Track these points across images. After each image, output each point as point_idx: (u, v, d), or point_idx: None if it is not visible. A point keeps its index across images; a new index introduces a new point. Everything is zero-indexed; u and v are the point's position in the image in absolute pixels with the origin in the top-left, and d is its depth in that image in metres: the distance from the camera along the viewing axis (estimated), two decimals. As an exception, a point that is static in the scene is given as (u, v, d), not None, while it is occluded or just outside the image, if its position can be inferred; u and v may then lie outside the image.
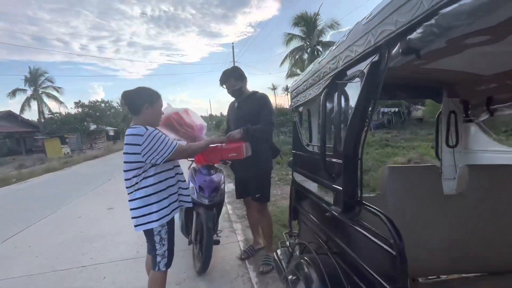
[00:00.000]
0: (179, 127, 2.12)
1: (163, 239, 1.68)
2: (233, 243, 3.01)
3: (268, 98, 2.40)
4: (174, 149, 1.63)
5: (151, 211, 1.62)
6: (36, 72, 27.73)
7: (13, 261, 2.98)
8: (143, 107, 1.66)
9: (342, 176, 0.97)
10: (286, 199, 4.44)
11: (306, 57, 19.09)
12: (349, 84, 1.03)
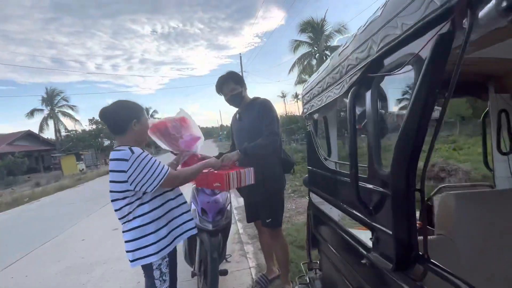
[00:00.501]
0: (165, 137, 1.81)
1: (164, 273, 1.44)
2: (244, 270, 2.66)
3: (270, 103, 2.05)
4: (165, 176, 1.36)
5: (149, 243, 1.38)
6: (53, 92, 28.86)
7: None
8: (131, 124, 1.42)
9: (391, 214, 0.64)
10: (301, 215, 4.06)
11: (314, 63, 18.84)
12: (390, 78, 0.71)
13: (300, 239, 3.03)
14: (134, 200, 1.37)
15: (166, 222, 1.45)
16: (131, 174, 1.31)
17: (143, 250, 1.38)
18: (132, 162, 1.31)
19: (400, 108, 1.08)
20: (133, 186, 1.33)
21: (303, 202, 4.70)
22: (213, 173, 1.73)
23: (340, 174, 1.07)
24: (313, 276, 1.72)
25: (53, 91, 28.96)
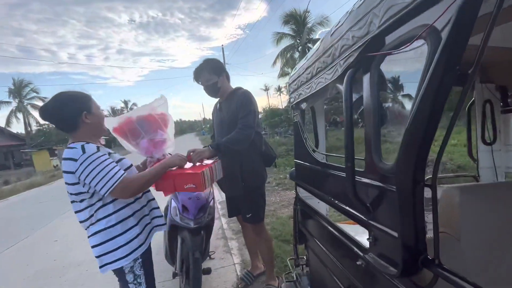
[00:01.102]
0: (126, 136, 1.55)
1: (138, 276, 1.31)
2: (229, 266, 2.58)
3: (250, 95, 1.91)
4: (117, 182, 1.16)
5: (117, 246, 1.25)
6: (21, 83, 26.87)
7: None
8: (81, 117, 1.23)
9: (396, 213, 0.56)
10: (286, 208, 4.03)
11: (297, 56, 18.82)
12: (393, 57, 0.62)
13: (286, 233, 2.99)
14: (95, 201, 1.22)
15: (136, 221, 1.32)
16: (80, 175, 1.16)
17: (111, 254, 1.25)
18: (81, 163, 1.15)
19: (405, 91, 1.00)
20: (86, 188, 1.19)
21: (288, 195, 4.67)
22: (182, 173, 1.42)
23: (331, 168, 0.99)
24: (300, 273, 1.67)
25: (21, 82, 26.96)
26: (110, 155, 1.27)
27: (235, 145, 1.75)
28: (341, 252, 0.95)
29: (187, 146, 2.49)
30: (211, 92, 1.94)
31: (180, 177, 1.40)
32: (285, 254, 2.55)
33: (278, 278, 2.15)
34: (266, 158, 2.05)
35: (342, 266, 0.94)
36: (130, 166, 1.36)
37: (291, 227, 3.09)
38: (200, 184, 1.37)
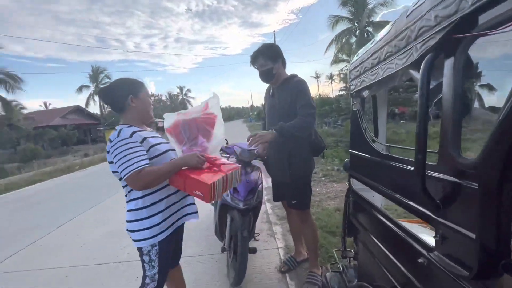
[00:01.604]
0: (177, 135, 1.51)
1: (153, 260, 1.39)
2: (272, 250, 2.67)
3: (306, 84, 1.91)
4: (130, 173, 1.18)
5: (141, 228, 1.33)
6: (97, 70, 30.88)
7: (62, 250, 3.11)
8: (127, 100, 1.35)
9: (476, 212, 0.52)
10: (332, 200, 3.93)
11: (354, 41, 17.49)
12: (485, 40, 0.55)
13: (331, 225, 2.93)
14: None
15: (162, 208, 1.37)
16: (111, 156, 1.25)
17: (135, 234, 1.34)
18: (113, 145, 1.24)
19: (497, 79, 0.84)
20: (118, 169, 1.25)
21: (335, 188, 4.54)
22: (194, 178, 1.28)
23: (394, 160, 0.94)
24: (347, 265, 1.64)
25: (97, 69, 30.99)
26: (145, 140, 1.30)
27: (298, 131, 1.77)
28: (399, 248, 0.91)
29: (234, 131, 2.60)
30: (265, 77, 1.95)
31: (191, 180, 1.30)
32: (330, 245, 2.53)
33: (321, 267, 2.15)
34: (315, 147, 2.02)
35: (399, 262, 0.90)
36: (164, 152, 1.36)
37: (337, 220, 3.03)
38: (208, 194, 1.25)
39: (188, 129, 1.46)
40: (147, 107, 1.41)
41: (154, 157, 1.31)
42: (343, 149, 7.74)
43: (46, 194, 6.36)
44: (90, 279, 2.39)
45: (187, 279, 2.26)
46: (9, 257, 3.04)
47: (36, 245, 3.31)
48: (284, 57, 1.93)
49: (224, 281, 2.20)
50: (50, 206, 5.16)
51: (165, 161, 1.35)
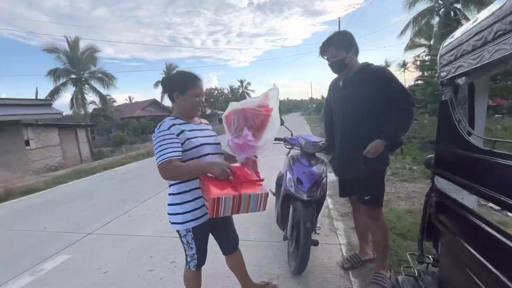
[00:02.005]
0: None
1: (190, 243, 1.48)
2: (334, 245, 2.61)
3: (388, 69, 1.77)
4: (160, 163, 1.29)
5: (176, 212, 1.44)
6: (170, 67, 34.45)
7: (144, 221, 3.67)
8: (173, 96, 1.45)
9: None
10: (403, 200, 3.58)
11: (436, 22, 15.12)
12: None
13: (401, 227, 2.69)
14: None
15: (192, 198, 1.43)
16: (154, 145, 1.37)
17: (172, 217, 1.45)
18: (154, 135, 1.37)
19: None
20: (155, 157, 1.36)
21: (406, 188, 4.12)
22: (206, 184, 1.27)
23: (503, 156, 0.80)
24: (424, 270, 1.49)
25: (170, 66, 34.58)
26: (182, 133, 1.37)
27: (405, 130, 1.73)
28: (504, 261, 0.79)
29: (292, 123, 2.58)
30: (337, 68, 1.85)
31: (205, 186, 1.28)
32: (399, 248, 2.33)
33: (390, 270, 2.01)
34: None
35: (504, 277, 0.78)
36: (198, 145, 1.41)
37: (409, 222, 2.76)
38: (211, 207, 1.21)
39: (237, 119, 1.46)
40: (190, 106, 1.45)
41: (189, 149, 1.38)
42: (416, 146, 6.90)
43: (132, 174, 7.52)
44: (169, 250, 2.76)
45: (249, 260, 2.41)
46: (109, 222, 3.74)
47: (127, 215, 3.97)
48: (357, 45, 1.80)
49: (285, 268, 2.26)
50: (135, 184, 6.09)
51: (197, 154, 1.40)
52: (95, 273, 2.45)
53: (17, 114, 10.44)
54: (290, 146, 2.62)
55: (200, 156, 1.42)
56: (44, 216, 4.35)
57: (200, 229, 1.47)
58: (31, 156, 11.96)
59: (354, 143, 1.81)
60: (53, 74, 20.07)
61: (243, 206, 1.27)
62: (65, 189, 6.29)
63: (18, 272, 2.59)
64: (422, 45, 17.21)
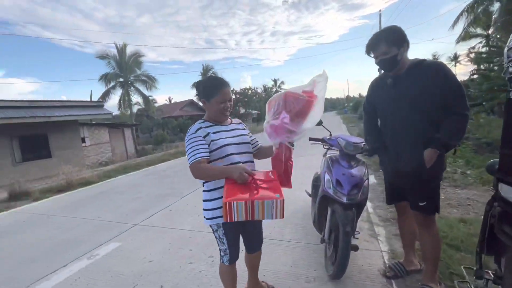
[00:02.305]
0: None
1: (221, 238, 1.58)
2: (375, 251, 2.47)
3: (449, 68, 1.60)
4: (192, 162, 1.40)
5: (208, 208, 1.55)
6: (207, 68, 35.72)
7: (183, 216, 3.87)
8: (201, 101, 1.57)
9: None
10: (455, 208, 3.27)
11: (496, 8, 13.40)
12: None
13: (453, 237, 2.45)
14: None
15: (218, 196, 1.50)
16: None
17: (205, 212, 1.56)
18: (186, 137, 1.50)
19: None
20: None
21: (458, 194, 3.74)
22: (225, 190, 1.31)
23: None
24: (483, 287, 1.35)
25: (207, 67, 35.84)
26: (207, 135, 1.46)
27: (460, 138, 1.62)
28: None
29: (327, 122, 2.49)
30: (389, 66, 1.69)
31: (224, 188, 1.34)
32: (451, 260, 2.13)
33: (440, 283, 1.85)
34: None
35: None
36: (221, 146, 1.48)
37: (462, 232, 2.51)
38: (224, 213, 1.23)
39: (277, 103, 1.52)
40: (216, 112, 1.52)
41: (213, 150, 1.48)
42: (470, 148, 6.21)
43: (172, 170, 7.98)
44: (207, 244, 2.88)
45: (285, 261, 2.41)
46: (152, 215, 4.03)
47: (168, 209, 4.23)
48: (408, 40, 1.65)
49: (322, 271, 2.21)
50: (175, 180, 6.46)
51: (221, 154, 1.48)
52: (142, 261, 2.66)
53: (75, 115, 11.74)
54: (328, 147, 2.55)
55: (224, 157, 1.49)
56: (98, 206, 4.84)
57: (230, 225, 1.54)
58: (86, 152, 13.38)
59: (411, 143, 1.69)
60: (104, 78, 22.17)
61: (258, 212, 1.25)
62: (114, 183, 6.91)
63: (79, 255, 2.93)
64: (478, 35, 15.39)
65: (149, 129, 27.65)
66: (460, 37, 15.07)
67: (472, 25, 14.23)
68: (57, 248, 3.16)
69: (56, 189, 6.57)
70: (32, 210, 5.04)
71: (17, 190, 6.19)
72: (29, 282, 2.48)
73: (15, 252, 3.19)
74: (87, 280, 2.42)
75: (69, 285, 2.38)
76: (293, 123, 1.44)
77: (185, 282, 2.24)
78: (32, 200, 5.79)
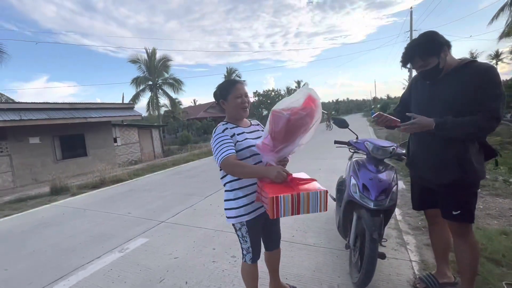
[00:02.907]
0: None
1: (245, 236, 1.63)
2: (403, 261, 2.35)
3: (497, 74, 1.46)
4: (220, 161, 1.44)
5: (231, 207, 1.58)
6: (230, 71, 36.30)
7: (207, 215, 3.96)
8: (220, 103, 1.63)
9: None
10: (495, 219, 3.02)
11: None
12: None
13: (492, 251, 2.27)
14: None
15: (244, 194, 1.55)
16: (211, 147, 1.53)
17: (228, 212, 1.60)
18: (212, 138, 1.54)
19: None
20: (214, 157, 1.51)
21: (499, 203, 3.45)
22: (264, 186, 1.35)
23: None
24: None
25: (231, 70, 36.42)
26: (233, 136, 1.52)
27: (468, 131, 1.45)
28: None
29: (354, 126, 2.41)
30: (432, 76, 1.59)
31: (262, 189, 1.37)
32: (490, 275, 1.98)
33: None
34: (485, 150, 1.60)
35: None
36: (246, 147, 1.52)
37: (504, 246, 2.30)
38: (270, 208, 1.24)
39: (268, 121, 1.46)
40: (235, 108, 1.58)
41: (239, 151, 1.52)
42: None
43: (196, 171, 8.20)
44: (230, 244, 2.93)
45: (307, 265, 2.38)
46: (178, 213, 4.17)
47: (192, 209, 4.35)
48: (447, 40, 1.53)
49: (346, 278, 2.15)
50: (199, 180, 6.63)
51: (247, 154, 1.52)
52: (168, 257, 2.77)
53: (108, 116, 12.52)
54: (354, 150, 2.48)
55: (250, 156, 1.55)
56: (128, 202, 5.12)
57: (253, 223, 1.60)
58: (117, 151, 14.19)
59: (441, 145, 1.59)
60: (135, 81, 23.42)
61: (303, 205, 1.27)
62: (143, 181, 7.26)
63: (111, 247, 3.12)
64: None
65: (175, 130, 28.70)
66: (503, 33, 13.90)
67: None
68: (92, 240, 3.39)
69: (91, 185, 7.05)
70: (70, 204, 5.46)
71: (57, 185, 6.74)
72: (67, 270, 2.69)
73: (58, 242, 3.47)
74: (119, 272, 2.56)
75: (103, 275, 2.54)
76: (275, 143, 1.41)
77: (209, 280, 2.30)
78: (70, 195, 6.27)
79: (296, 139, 1.44)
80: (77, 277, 2.55)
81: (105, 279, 2.48)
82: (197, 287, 2.22)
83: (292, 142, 1.44)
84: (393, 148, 2.09)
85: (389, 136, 10.55)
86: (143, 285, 2.33)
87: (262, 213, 1.62)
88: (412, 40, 1.62)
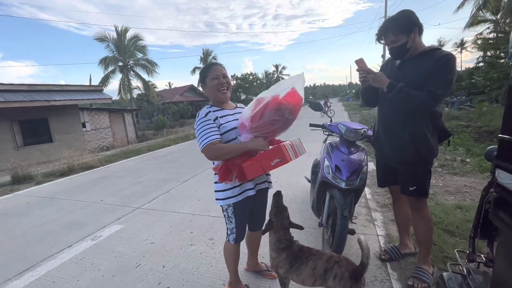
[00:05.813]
0: None
1: (230, 217, 1.68)
2: (371, 236, 2.53)
3: (454, 62, 1.54)
4: (204, 146, 1.47)
5: (219, 189, 1.63)
6: (207, 53, 35.05)
7: (184, 200, 3.93)
8: (202, 87, 1.68)
9: None
10: (452, 195, 3.31)
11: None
12: None
13: (448, 223, 2.51)
14: None
15: None
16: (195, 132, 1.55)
17: (217, 194, 1.65)
18: (195, 122, 1.56)
19: None
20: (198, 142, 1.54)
21: (456, 181, 3.78)
22: (265, 153, 1.48)
23: None
24: (474, 269, 1.39)
25: (207, 51, 35.17)
26: (216, 119, 1.53)
27: (410, 102, 1.56)
28: None
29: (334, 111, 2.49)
30: (398, 54, 1.68)
31: (264, 156, 1.47)
32: (445, 244, 2.19)
33: (433, 266, 1.90)
34: (440, 133, 1.72)
35: None
36: (230, 129, 1.55)
37: (458, 219, 2.56)
38: (285, 155, 1.47)
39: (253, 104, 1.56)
40: (213, 89, 1.60)
41: (223, 133, 1.55)
42: (471, 136, 6.20)
43: (173, 156, 8.03)
44: (207, 227, 2.94)
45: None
46: (154, 198, 4.10)
47: (169, 194, 4.29)
48: (421, 23, 1.60)
49: (319, 254, 2.27)
50: (176, 165, 6.51)
51: (229, 137, 1.56)
52: (144, 242, 2.73)
53: (74, 99, 11.66)
54: (328, 133, 2.55)
55: (233, 139, 1.57)
56: (100, 190, 4.91)
57: (239, 206, 1.63)
58: (87, 136, 13.40)
59: (399, 127, 1.70)
60: (103, 62, 21.82)
61: (297, 149, 1.63)
62: (116, 167, 6.98)
63: (83, 236, 3.01)
64: (486, 21, 14.98)
65: (149, 115, 27.54)
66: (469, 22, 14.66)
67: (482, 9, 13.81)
68: (62, 230, 3.24)
69: (58, 173, 6.65)
70: (35, 193, 5.13)
71: (19, 174, 6.27)
72: (35, 260, 2.57)
73: (22, 232, 3.28)
74: (92, 260, 2.50)
75: (75, 264, 2.46)
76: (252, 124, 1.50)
77: (186, 263, 2.31)
78: (35, 184, 5.88)
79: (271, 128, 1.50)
80: (46, 267, 2.44)
81: (77, 267, 2.40)
82: (175, 269, 2.23)
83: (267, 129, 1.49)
84: (364, 130, 2.18)
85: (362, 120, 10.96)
86: (118, 271, 2.29)
87: (250, 196, 1.64)
88: (391, 16, 1.69)
